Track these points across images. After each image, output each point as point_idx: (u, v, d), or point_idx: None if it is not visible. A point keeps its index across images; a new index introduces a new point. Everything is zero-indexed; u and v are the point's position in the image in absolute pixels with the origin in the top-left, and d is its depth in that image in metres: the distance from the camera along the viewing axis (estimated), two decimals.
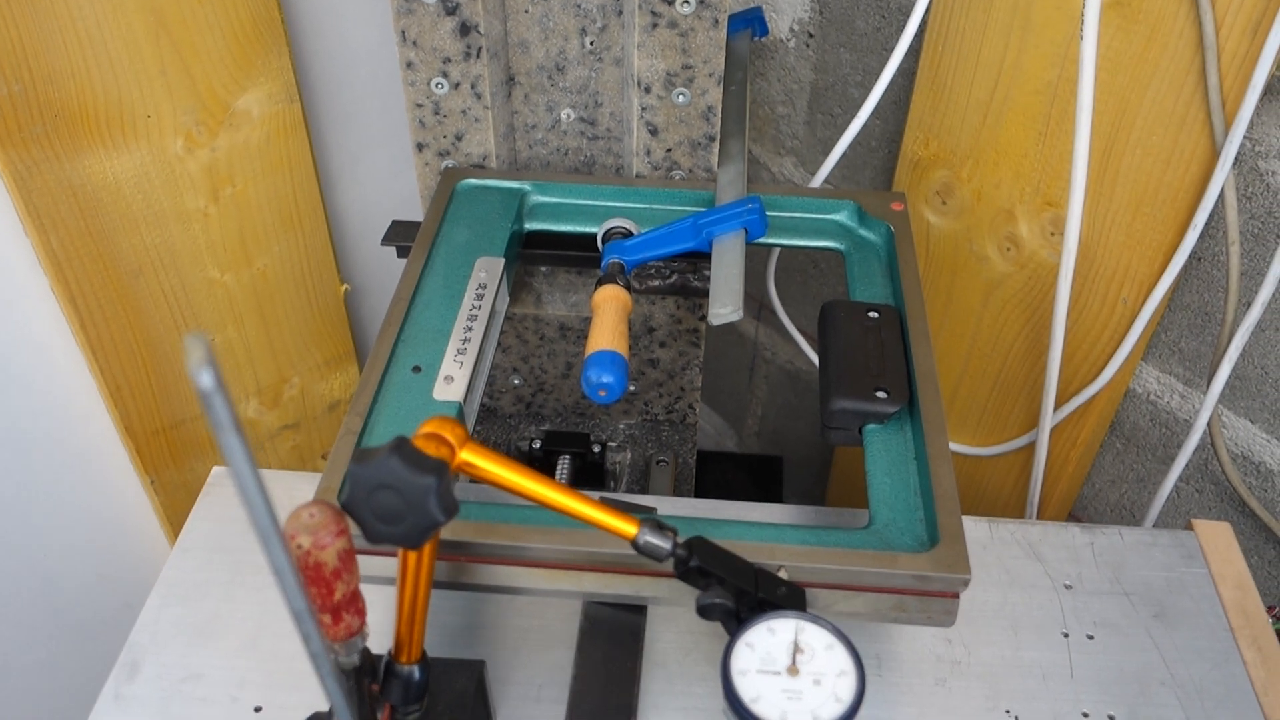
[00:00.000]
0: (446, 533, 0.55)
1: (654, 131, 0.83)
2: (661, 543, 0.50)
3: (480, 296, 0.71)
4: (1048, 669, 0.64)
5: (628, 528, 0.50)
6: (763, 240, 0.76)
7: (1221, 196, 0.77)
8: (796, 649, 0.49)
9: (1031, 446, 0.98)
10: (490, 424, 1.05)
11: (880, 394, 0.62)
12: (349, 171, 1.14)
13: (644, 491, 0.99)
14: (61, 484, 1.02)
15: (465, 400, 0.64)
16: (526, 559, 0.57)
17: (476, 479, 0.49)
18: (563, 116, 0.87)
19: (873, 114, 0.92)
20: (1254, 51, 0.70)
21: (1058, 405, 0.93)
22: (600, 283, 0.71)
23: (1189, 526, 0.72)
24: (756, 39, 1.03)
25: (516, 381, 1.03)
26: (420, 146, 0.85)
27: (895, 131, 1.04)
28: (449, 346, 0.67)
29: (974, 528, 0.72)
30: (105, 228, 0.93)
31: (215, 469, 0.76)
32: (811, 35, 1.09)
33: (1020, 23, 0.83)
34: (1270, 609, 0.76)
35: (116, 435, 1.04)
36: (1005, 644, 0.65)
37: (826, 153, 0.98)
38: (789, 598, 0.52)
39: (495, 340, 0.73)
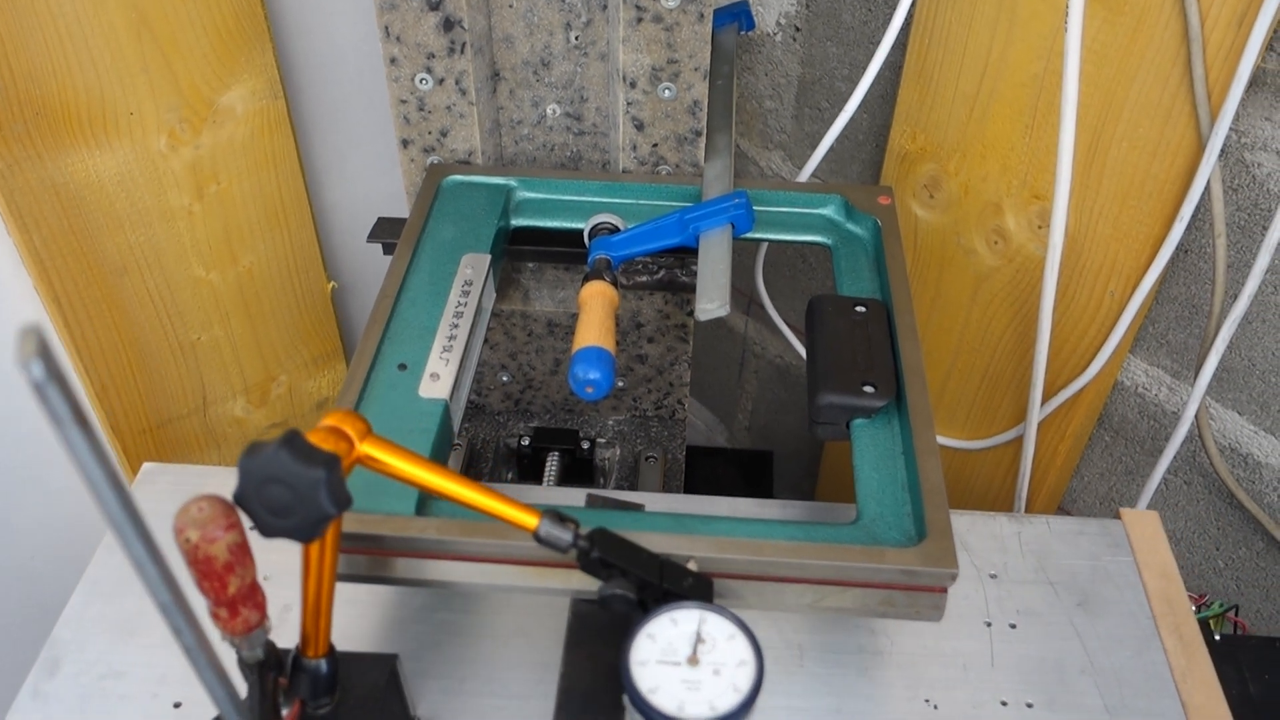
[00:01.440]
0: (435, 532, 0.55)
1: (640, 126, 0.83)
2: (562, 534, 0.50)
3: (466, 293, 0.70)
4: (969, 658, 0.64)
5: (528, 519, 0.50)
6: (750, 235, 0.76)
7: (1208, 188, 0.77)
8: (699, 640, 0.49)
9: (1020, 440, 0.98)
10: (478, 421, 1.05)
11: (868, 389, 0.62)
12: (334, 168, 1.13)
13: (633, 488, 0.99)
14: (48, 483, 1.01)
15: (452, 397, 0.64)
16: (514, 557, 0.56)
17: (378, 472, 0.49)
18: (548, 112, 0.86)
19: (860, 108, 0.92)
20: (1239, 43, 0.70)
21: (1046, 398, 0.93)
22: (587, 279, 0.71)
23: (1117, 515, 0.72)
24: (743, 33, 1.03)
25: (504, 378, 1.02)
26: (405, 143, 0.85)
27: (882, 125, 1.04)
28: (435, 344, 0.66)
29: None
30: (89, 226, 0.93)
31: (145, 465, 0.75)
32: (798, 29, 1.09)
33: (1006, 15, 0.83)
34: (1199, 597, 0.76)
35: (103, 435, 1.03)
36: (928, 633, 0.65)
37: (814, 147, 0.98)
38: (695, 589, 0.52)
39: (482, 337, 0.73)
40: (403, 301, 0.70)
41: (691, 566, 0.53)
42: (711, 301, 0.68)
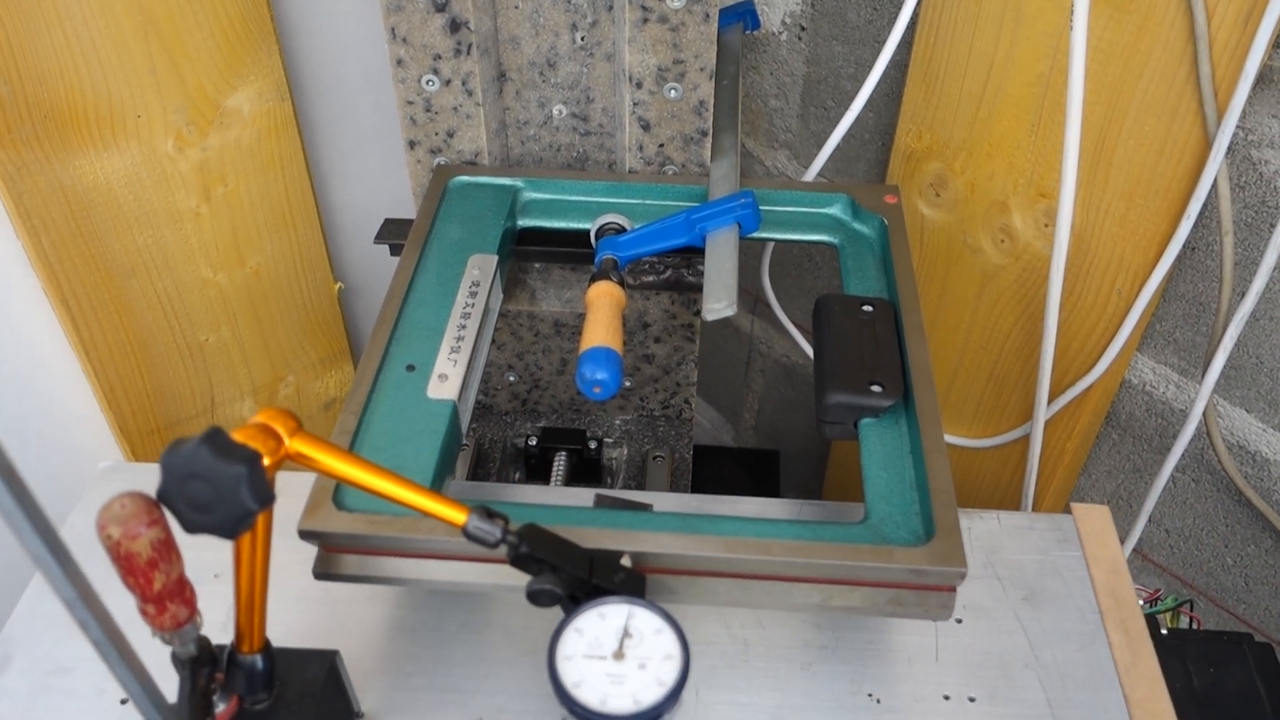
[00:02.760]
0: (444, 533, 0.55)
1: (646, 127, 0.83)
2: (491, 529, 0.50)
3: (474, 294, 0.71)
4: (914, 653, 0.64)
5: (457, 515, 0.50)
6: (756, 235, 0.76)
7: (1215, 186, 0.76)
8: (626, 634, 0.49)
9: (1027, 438, 0.98)
10: (486, 421, 1.05)
11: (875, 388, 0.62)
12: (341, 169, 1.13)
13: (640, 487, 0.99)
14: (55, 486, 1.01)
15: (460, 398, 0.64)
16: None
17: (309, 469, 0.49)
18: (554, 112, 0.86)
19: (866, 106, 0.92)
20: (1245, 41, 0.70)
21: (1053, 397, 0.93)
22: (594, 279, 0.71)
23: (1068, 510, 0.72)
24: (748, 32, 1.03)
25: (512, 378, 1.03)
26: (412, 144, 0.85)
27: (888, 124, 1.04)
28: (443, 344, 0.67)
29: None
30: (97, 229, 0.93)
31: (101, 464, 0.75)
32: (803, 28, 1.09)
33: (1012, 14, 0.83)
34: (1153, 592, 0.76)
35: (111, 436, 1.04)
36: (874, 628, 0.65)
37: (820, 146, 0.98)
38: (626, 584, 0.52)
39: (489, 338, 0.73)
40: (410, 302, 0.70)
41: (625, 562, 0.53)
42: (719, 301, 0.68)
